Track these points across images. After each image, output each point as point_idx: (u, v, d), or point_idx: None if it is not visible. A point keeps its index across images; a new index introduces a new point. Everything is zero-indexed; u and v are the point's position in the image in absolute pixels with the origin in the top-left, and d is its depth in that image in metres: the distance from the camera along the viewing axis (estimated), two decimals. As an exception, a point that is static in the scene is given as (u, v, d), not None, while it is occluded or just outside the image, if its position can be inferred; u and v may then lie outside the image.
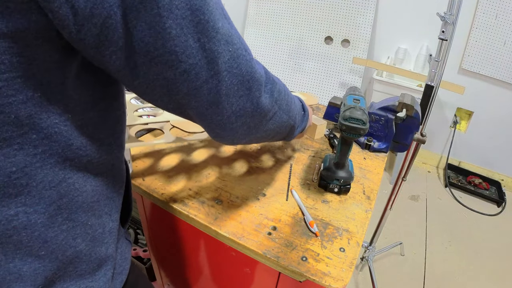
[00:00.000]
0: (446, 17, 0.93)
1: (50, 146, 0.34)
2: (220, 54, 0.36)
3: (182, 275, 0.95)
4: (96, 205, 0.42)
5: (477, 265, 1.71)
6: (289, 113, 0.54)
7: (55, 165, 0.35)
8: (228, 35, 0.37)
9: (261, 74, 0.43)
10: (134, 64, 0.33)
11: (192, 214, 0.67)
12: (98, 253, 0.43)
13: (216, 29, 0.35)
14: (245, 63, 0.39)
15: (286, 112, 0.53)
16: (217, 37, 0.35)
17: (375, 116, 0.94)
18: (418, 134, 1.05)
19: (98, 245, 0.43)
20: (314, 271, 0.57)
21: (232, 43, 0.37)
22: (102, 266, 0.44)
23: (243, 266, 0.72)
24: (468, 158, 2.47)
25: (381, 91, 2.16)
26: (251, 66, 0.40)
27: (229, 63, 0.37)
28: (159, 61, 0.33)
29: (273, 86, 0.47)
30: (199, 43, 0.34)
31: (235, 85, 0.39)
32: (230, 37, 0.37)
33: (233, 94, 0.40)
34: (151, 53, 0.32)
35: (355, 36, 2.37)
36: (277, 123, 0.51)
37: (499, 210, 2.14)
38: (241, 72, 0.39)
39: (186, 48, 0.33)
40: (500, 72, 2.11)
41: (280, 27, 2.57)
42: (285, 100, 0.52)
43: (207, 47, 0.35)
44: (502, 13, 1.98)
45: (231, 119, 0.42)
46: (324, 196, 0.76)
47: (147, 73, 0.35)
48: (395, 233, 1.86)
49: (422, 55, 2.23)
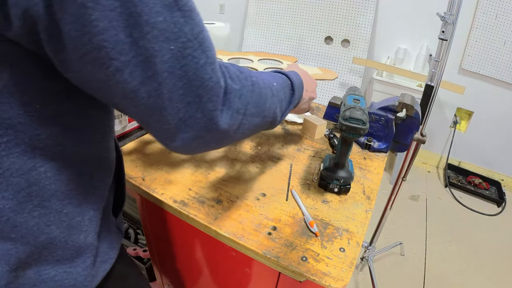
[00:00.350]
0: (446, 17, 0.93)
1: (15, 135, 0.34)
2: (157, 52, 0.32)
3: (182, 275, 0.95)
4: (74, 193, 0.42)
5: (477, 265, 1.71)
6: (263, 112, 0.47)
7: (23, 154, 0.35)
8: (172, 31, 0.32)
9: (217, 83, 0.37)
10: (68, 63, 0.31)
11: (192, 214, 0.67)
12: (76, 241, 0.43)
13: (151, 23, 0.31)
14: (194, 65, 0.34)
15: (258, 114, 0.46)
16: (152, 32, 0.31)
17: (375, 116, 0.94)
18: (418, 134, 1.05)
19: (76, 233, 0.43)
20: (314, 271, 0.57)
21: (177, 41, 0.33)
22: (81, 254, 0.45)
23: (243, 266, 0.72)
24: (468, 158, 2.47)
25: (381, 91, 2.16)
26: (203, 71, 0.35)
27: (171, 63, 0.33)
28: (88, 59, 0.30)
29: (241, 99, 0.40)
30: (131, 38, 0.30)
31: (179, 88, 0.34)
32: (175, 33, 0.32)
33: (178, 99, 0.35)
34: (79, 49, 0.30)
35: (355, 36, 2.37)
36: (247, 130, 0.45)
37: (499, 210, 2.14)
38: (187, 75, 0.34)
39: (116, 43, 0.30)
40: (500, 72, 2.11)
41: (280, 27, 2.57)
42: (258, 102, 0.45)
43: (140, 43, 0.31)
44: (502, 13, 1.98)
45: (181, 128, 0.37)
46: (324, 196, 0.76)
47: (82, 72, 0.32)
48: (395, 233, 1.86)
49: (422, 55, 2.23)
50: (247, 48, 2.67)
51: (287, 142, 0.97)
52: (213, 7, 2.95)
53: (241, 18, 2.81)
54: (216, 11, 2.95)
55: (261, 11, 2.59)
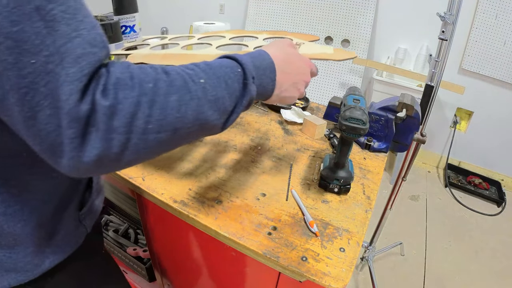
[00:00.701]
0: (446, 17, 0.93)
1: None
2: (12, 66, 0.29)
3: (182, 275, 0.95)
4: (12, 183, 0.43)
5: (477, 265, 1.71)
6: (175, 124, 0.37)
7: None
8: (33, 43, 0.29)
9: (76, 106, 0.31)
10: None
11: (192, 214, 0.67)
12: (12, 228, 0.45)
13: (4, 34, 0.28)
14: (55, 83, 0.30)
15: (163, 129, 0.36)
16: (5, 43, 0.29)
17: (375, 116, 0.94)
18: (418, 134, 1.05)
19: (12, 221, 0.44)
20: (314, 271, 0.57)
21: (40, 54, 0.30)
22: (19, 242, 0.46)
23: (243, 266, 0.72)
24: (468, 158, 2.47)
25: (381, 91, 2.16)
26: (61, 91, 0.30)
27: (31, 78, 0.30)
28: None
29: (119, 117, 0.33)
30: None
31: (45, 107, 0.31)
32: (36, 46, 0.29)
33: (44, 121, 0.31)
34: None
35: (355, 36, 2.37)
36: (149, 149, 0.37)
37: (499, 210, 2.14)
38: (51, 94, 0.30)
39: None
40: (500, 72, 2.11)
41: (280, 27, 2.57)
42: (159, 113, 0.36)
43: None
44: (502, 13, 1.98)
45: (55, 153, 0.32)
46: (324, 196, 0.76)
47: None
48: (395, 233, 1.86)
49: (422, 55, 2.24)
50: (247, 48, 2.67)
51: (287, 142, 0.97)
52: (213, 7, 2.95)
53: (241, 18, 2.81)
54: (216, 11, 2.95)
55: (261, 11, 2.59)
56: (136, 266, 1.17)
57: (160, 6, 3.20)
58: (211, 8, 2.96)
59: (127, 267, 1.21)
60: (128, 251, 1.09)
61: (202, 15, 3.00)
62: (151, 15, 3.22)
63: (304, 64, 0.56)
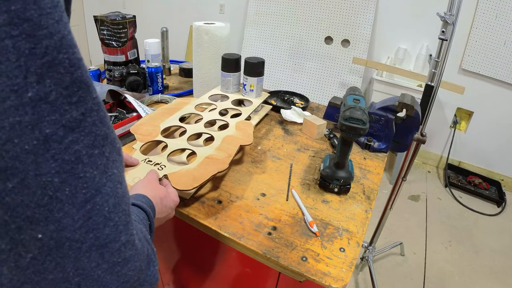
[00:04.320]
0: (446, 17, 0.93)
1: None
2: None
3: (182, 275, 0.95)
4: None
5: (477, 265, 1.71)
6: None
7: None
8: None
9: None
10: None
11: (192, 214, 0.67)
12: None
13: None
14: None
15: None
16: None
17: (375, 116, 0.94)
18: (418, 134, 1.05)
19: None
20: (314, 271, 0.57)
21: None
22: None
23: (243, 266, 0.72)
24: (468, 158, 2.47)
25: (381, 91, 2.16)
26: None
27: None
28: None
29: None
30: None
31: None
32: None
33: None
34: None
35: (355, 36, 2.37)
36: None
37: (499, 210, 2.14)
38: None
39: None
40: (500, 72, 2.11)
41: (280, 27, 2.57)
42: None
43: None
44: (502, 13, 1.98)
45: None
46: (324, 196, 0.76)
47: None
48: (395, 233, 1.87)
49: (422, 55, 2.24)
50: (247, 48, 2.67)
51: (287, 142, 0.97)
52: (213, 7, 2.95)
53: (241, 18, 2.81)
54: (216, 11, 2.95)
55: (261, 11, 2.59)
56: (136, 266, 1.16)
57: (160, 6, 3.20)
58: (211, 8, 2.96)
59: (127, 267, 1.21)
60: (128, 251, 1.09)
61: (202, 15, 3.00)
62: (151, 15, 3.23)
63: (168, 199, 0.59)
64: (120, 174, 0.28)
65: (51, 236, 0.22)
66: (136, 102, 0.99)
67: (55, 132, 0.22)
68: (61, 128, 0.22)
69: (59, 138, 0.22)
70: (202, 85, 1.13)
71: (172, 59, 1.51)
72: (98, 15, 1.16)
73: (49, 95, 0.21)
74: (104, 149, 0.25)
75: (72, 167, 0.23)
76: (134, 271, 0.29)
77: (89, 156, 0.24)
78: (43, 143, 0.21)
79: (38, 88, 0.21)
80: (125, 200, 0.28)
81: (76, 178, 0.23)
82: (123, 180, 0.28)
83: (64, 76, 0.22)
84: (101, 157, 0.25)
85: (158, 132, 0.80)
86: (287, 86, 2.60)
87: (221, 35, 1.06)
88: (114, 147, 0.27)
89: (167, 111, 0.90)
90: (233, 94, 1.04)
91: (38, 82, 0.21)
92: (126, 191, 0.29)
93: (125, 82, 1.13)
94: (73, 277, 0.24)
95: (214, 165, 0.68)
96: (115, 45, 1.17)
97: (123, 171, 0.29)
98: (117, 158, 0.27)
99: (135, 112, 1.00)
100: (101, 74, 1.27)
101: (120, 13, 1.18)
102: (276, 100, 1.24)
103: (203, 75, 1.11)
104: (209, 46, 1.06)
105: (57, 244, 0.23)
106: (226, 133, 0.81)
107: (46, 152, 0.21)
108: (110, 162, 0.26)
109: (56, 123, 0.22)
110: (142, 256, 0.30)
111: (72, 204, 0.23)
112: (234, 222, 0.66)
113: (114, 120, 0.99)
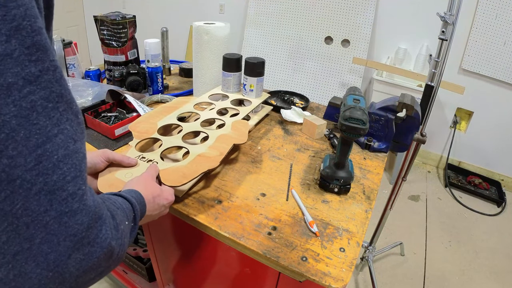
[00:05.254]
0: (446, 17, 0.93)
1: None
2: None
3: (182, 275, 0.95)
4: None
5: (477, 265, 1.71)
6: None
7: None
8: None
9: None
10: None
11: (192, 214, 0.67)
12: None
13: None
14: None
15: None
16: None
17: (375, 116, 0.94)
18: (418, 134, 1.05)
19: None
20: (314, 271, 0.57)
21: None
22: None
23: (243, 266, 0.72)
24: (468, 158, 2.47)
25: (381, 91, 2.16)
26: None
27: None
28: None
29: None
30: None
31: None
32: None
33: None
34: None
35: (355, 36, 2.37)
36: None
37: (499, 210, 2.14)
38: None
39: None
40: (500, 72, 2.11)
41: (280, 27, 2.57)
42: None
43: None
44: (502, 13, 1.98)
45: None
46: (324, 196, 0.76)
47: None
48: (395, 233, 1.86)
49: (422, 55, 2.24)
50: (247, 48, 2.67)
51: (287, 142, 0.97)
52: (213, 7, 2.95)
53: (241, 18, 2.81)
54: (216, 11, 2.95)
55: (261, 11, 2.59)
56: (136, 266, 1.17)
57: (160, 6, 3.20)
58: (211, 8, 2.96)
59: (127, 267, 1.21)
60: (128, 251, 1.09)
61: (202, 15, 3.00)
62: (151, 15, 3.23)
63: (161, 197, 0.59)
64: (75, 133, 0.31)
65: (3, 169, 0.26)
66: (136, 102, 1.00)
67: (16, 82, 0.26)
68: (21, 79, 0.27)
69: (19, 87, 0.26)
70: (202, 85, 1.13)
71: (172, 59, 1.51)
72: (98, 15, 1.16)
73: (13, 52, 0.26)
74: (58, 105, 0.29)
75: (28, 114, 0.27)
76: (82, 226, 0.31)
77: (43, 108, 0.28)
78: (6, 90, 0.26)
79: (5, 46, 0.26)
80: (77, 156, 0.31)
81: (30, 124, 0.27)
82: (79, 141, 0.32)
83: (26, 38, 0.27)
84: (54, 110, 0.29)
85: (154, 130, 0.80)
86: (287, 86, 2.60)
87: (221, 35, 1.06)
88: (70, 108, 0.31)
89: (165, 109, 0.90)
90: (234, 94, 1.04)
91: (6, 41, 0.26)
92: (81, 151, 0.32)
93: (125, 82, 1.13)
94: (21, 215, 0.27)
95: (205, 163, 0.68)
96: (115, 45, 1.17)
97: (82, 135, 0.33)
98: (73, 118, 0.31)
99: (135, 112, 1.00)
100: (101, 74, 1.27)
101: (120, 13, 1.18)
102: (276, 100, 1.24)
103: (203, 75, 1.11)
104: (209, 46, 1.06)
105: (8, 177, 0.26)
106: (221, 132, 0.81)
107: (7, 97, 0.26)
108: (63, 118, 0.30)
109: (17, 75, 0.26)
110: (90, 213, 0.32)
111: (25, 146, 0.27)
112: (234, 222, 0.66)
113: (114, 120, 0.99)
